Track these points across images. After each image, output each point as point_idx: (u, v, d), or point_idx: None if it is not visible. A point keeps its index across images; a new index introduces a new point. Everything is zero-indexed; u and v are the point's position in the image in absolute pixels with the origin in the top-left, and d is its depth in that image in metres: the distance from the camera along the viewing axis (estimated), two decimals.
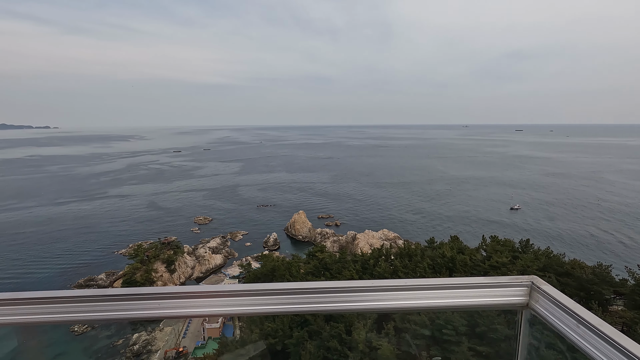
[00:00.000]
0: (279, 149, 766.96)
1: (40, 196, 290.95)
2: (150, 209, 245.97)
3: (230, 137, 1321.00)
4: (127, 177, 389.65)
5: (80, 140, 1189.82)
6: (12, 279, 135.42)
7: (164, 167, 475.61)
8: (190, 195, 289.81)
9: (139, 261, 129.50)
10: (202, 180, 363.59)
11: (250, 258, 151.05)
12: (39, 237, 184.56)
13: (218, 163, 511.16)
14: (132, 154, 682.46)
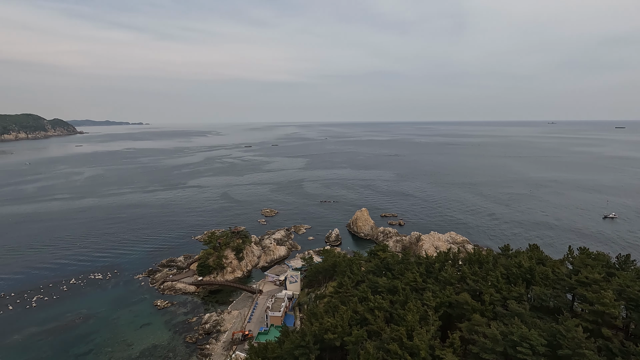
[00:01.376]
0: (343, 146, 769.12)
1: (134, 184, 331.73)
2: (223, 199, 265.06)
3: (296, 134, 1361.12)
4: (204, 169, 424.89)
5: (166, 135, 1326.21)
6: (109, 258, 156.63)
7: (236, 161, 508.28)
8: (258, 188, 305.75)
9: (212, 247, 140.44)
10: (270, 174, 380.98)
11: (313, 252, 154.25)
12: (132, 219, 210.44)
13: (284, 158, 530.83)
14: (209, 148, 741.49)
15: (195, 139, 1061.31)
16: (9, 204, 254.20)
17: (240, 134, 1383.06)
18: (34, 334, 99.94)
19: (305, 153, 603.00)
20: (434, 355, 51.38)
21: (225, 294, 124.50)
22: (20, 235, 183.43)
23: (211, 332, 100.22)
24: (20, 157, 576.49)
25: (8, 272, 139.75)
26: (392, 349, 51.22)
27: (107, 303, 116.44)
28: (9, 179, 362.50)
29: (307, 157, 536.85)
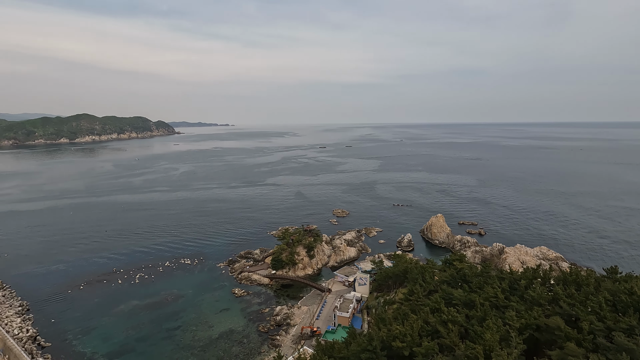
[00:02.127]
0: (420, 148, 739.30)
1: (219, 180, 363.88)
2: (297, 197, 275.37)
3: (371, 135, 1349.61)
4: (280, 168, 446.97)
5: (248, 136, 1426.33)
6: (196, 246, 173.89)
7: (310, 161, 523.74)
8: (331, 188, 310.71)
9: (285, 243, 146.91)
10: (343, 175, 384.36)
11: (383, 256, 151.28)
12: (216, 213, 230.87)
13: (358, 159, 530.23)
14: (286, 148, 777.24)
15: (274, 140, 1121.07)
16: (121, 193, 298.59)
17: (316, 135, 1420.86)
18: (136, 306, 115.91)
19: (379, 155, 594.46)
20: None
21: (296, 289, 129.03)
22: (128, 221, 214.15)
23: (281, 324, 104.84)
24: (131, 154, 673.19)
25: (118, 251, 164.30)
26: None
27: (194, 286, 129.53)
28: (122, 172, 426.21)
29: (380, 159, 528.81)
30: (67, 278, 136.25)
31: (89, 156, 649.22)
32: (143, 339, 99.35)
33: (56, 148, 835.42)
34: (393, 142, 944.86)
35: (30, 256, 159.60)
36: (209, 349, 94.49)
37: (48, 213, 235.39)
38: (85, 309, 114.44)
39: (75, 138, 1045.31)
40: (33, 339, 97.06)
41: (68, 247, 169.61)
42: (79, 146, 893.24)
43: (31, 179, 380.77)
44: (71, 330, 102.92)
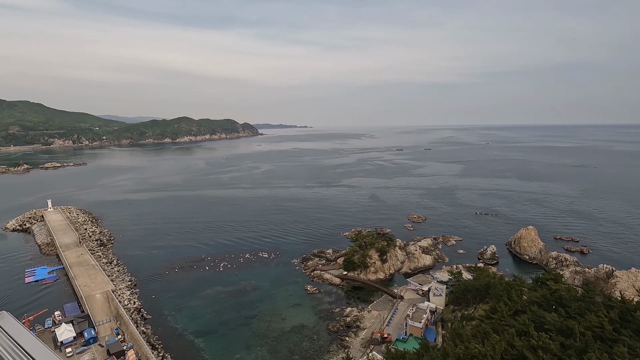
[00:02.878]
0: (509, 152, 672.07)
1: (296, 179, 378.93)
2: (371, 200, 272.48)
3: (452, 137, 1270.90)
4: (355, 170, 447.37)
5: (326, 137, 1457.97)
6: (273, 241, 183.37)
7: (386, 163, 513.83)
8: (407, 192, 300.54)
9: (357, 245, 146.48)
10: (420, 179, 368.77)
11: (462, 267, 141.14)
12: (293, 211, 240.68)
13: (437, 163, 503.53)
14: (362, 150, 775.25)
15: (350, 141, 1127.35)
16: (211, 188, 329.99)
17: (393, 137, 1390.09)
18: (219, 292, 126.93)
19: (461, 159, 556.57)
20: None
21: (367, 293, 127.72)
22: (215, 214, 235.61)
23: (351, 326, 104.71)
24: (221, 153, 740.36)
25: (206, 241, 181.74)
26: None
27: (269, 279, 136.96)
28: (213, 169, 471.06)
29: (462, 164, 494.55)
30: (165, 261, 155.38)
31: (186, 154, 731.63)
32: (224, 322, 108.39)
33: (161, 147, 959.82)
34: (477, 145, 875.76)
35: (138, 239, 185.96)
36: (280, 341, 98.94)
37: (153, 203, 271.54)
38: (178, 289, 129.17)
39: (176, 138, 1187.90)
40: (138, 311, 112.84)
41: (167, 234, 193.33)
42: (178, 145, 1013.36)
43: (141, 172, 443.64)
44: (167, 307, 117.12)
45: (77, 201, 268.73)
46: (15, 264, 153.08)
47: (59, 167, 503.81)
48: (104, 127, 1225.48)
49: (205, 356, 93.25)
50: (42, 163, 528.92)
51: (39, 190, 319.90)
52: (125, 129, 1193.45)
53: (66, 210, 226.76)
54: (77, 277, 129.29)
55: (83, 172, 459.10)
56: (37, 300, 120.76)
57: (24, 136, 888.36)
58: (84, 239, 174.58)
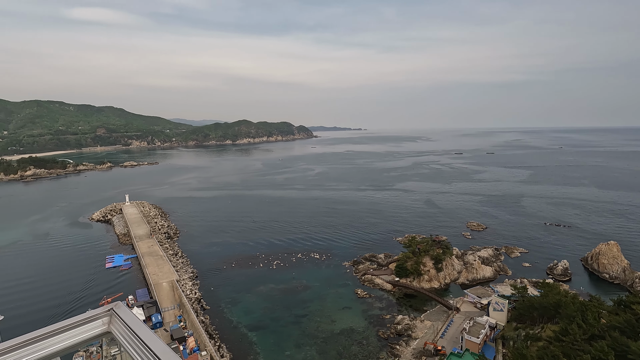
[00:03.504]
0: (587, 157, 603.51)
1: (350, 182, 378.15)
2: (427, 205, 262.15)
3: (519, 141, 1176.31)
4: (411, 173, 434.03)
5: (380, 140, 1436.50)
6: (325, 242, 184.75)
7: (444, 167, 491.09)
8: (465, 198, 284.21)
9: (411, 251, 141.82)
10: (481, 184, 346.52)
11: (528, 282, 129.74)
12: (345, 213, 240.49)
13: (501, 168, 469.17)
14: (418, 153, 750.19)
15: (405, 144, 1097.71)
16: (267, 188, 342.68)
17: (451, 140, 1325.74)
18: (272, 289, 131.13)
19: (529, 164, 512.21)
20: None
21: (420, 301, 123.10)
22: (270, 213, 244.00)
23: (402, 334, 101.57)
24: (277, 155, 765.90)
25: (261, 239, 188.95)
26: None
27: (320, 280, 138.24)
28: (269, 170, 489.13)
29: (530, 169, 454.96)
30: (224, 256, 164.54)
31: (245, 155, 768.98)
32: (276, 319, 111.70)
33: (222, 148, 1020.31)
34: (548, 149, 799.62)
35: (200, 234, 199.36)
36: (329, 342, 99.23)
37: (214, 200, 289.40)
38: (234, 284, 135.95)
39: (236, 140, 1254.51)
40: (198, 301, 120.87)
41: (225, 231, 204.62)
42: (238, 147, 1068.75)
43: (204, 172, 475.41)
44: (224, 299, 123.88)
45: (149, 197, 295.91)
46: (99, 251, 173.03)
47: (136, 165, 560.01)
48: (174, 129, 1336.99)
49: (257, 350, 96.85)
50: (122, 162, 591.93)
51: (119, 185, 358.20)
52: (191, 131, 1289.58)
53: (140, 205, 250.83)
54: (147, 266, 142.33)
55: (155, 170, 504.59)
56: (115, 284, 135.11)
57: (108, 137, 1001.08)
58: (154, 231, 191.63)
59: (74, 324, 4.70)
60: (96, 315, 4.88)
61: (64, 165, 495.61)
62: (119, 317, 4.89)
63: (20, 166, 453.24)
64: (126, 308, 5.01)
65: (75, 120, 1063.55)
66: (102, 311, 5.00)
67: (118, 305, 5.05)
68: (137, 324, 4.60)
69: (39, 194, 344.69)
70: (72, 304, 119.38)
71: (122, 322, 4.77)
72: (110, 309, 5.02)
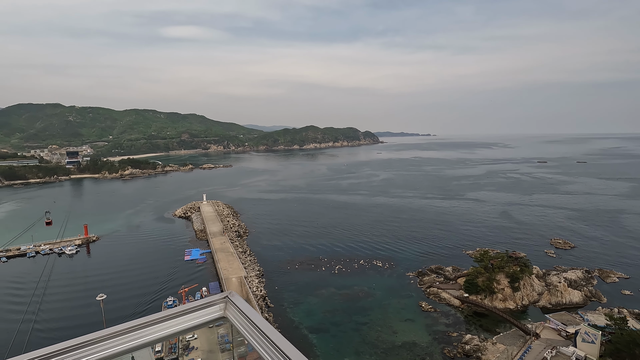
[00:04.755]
0: None
1: (416, 189, 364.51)
2: (502, 218, 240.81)
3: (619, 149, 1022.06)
4: (484, 182, 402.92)
5: (450, 146, 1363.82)
6: (388, 250, 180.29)
7: (524, 177, 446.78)
8: (549, 212, 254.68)
9: (482, 267, 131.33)
10: (568, 197, 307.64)
11: (627, 312, 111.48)
12: (410, 221, 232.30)
13: (595, 179, 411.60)
14: (493, 161, 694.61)
15: (479, 151, 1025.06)
16: (331, 193, 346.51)
17: (533, 147, 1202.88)
18: (332, 293, 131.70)
19: (631, 175, 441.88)
20: None
21: (492, 322, 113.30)
22: (334, 218, 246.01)
23: (470, 356, 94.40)
24: (342, 160, 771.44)
25: (324, 243, 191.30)
26: None
27: (382, 288, 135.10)
28: (334, 175, 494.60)
29: (632, 181, 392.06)
30: (288, 257, 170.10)
31: (311, 160, 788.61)
32: (336, 323, 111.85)
33: (290, 153, 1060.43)
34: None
35: (267, 234, 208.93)
36: (390, 354, 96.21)
37: (281, 203, 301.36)
38: (297, 285, 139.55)
39: (304, 145, 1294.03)
40: (263, 298, 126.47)
41: (291, 233, 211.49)
42: (305, 152, 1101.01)
43: (273, 175, 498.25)
44: (287, 299, 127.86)
45: (223, 197, 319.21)
46: (179, 245, 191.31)
47: (213, 167, 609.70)
48: (247, 134, 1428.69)
49: (317, 352, 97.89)
50: (201, 164, 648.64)
51: (198, 185, 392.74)
52: (262, 136, 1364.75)
53: (215, 204, 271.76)
54: (219, 261, 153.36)
55: (229, 172, 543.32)
56: (192, 276, 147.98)
57: (191, 142, 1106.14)
58: (226, 229, 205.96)
59: (195, 308, 5.35)
60: (214, 301, 5.50)
61: (154, 166, 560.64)
62: (233, 304, 5.42)
63: (121, 166, 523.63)
64: (239, 297, 5.77)
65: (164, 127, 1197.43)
66: (218, 298, 5.55)
67: (233, 293, 5.88)
68: (251, 311, 5.28)
69: (134, 190, 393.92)
70: (157, 293, 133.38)
71: (237, 309, 5.33)
72: (226, 297, 5.58)
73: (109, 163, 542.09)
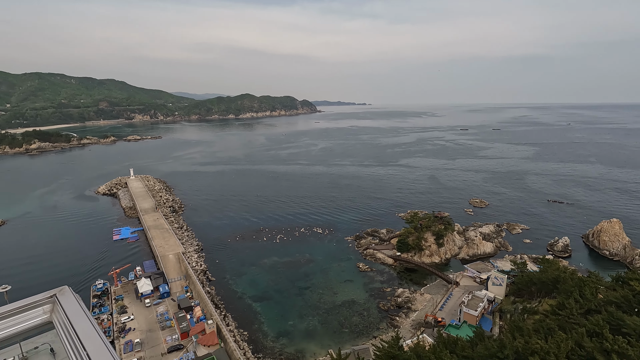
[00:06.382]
0: (596, 134, 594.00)
1: (353, 158, 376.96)
2: (430, 182, 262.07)
3: (527, 117, 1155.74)
4: (415, 150, 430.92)
5: (385, 115, 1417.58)
6: (328, 217, 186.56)
7: (449, 144, 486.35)
8: (469, 175, 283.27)
9: (413, 227, 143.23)
10: (485, 161, 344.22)
11: (527, 257, 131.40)
12: (348, 189, 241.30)
13: (507, 145, 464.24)
14: (423, 129, 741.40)
15: (411, 120, 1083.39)
16: (270, 164, 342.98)
17: (457, 115, 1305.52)
18: (276, 262, 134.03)
19: (535, 140, 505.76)
20: None
21: (420, 275, 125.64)
22: (274, 188, 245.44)
23: (402, 307, 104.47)
24: (280, 130, 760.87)
25: (265, 213, 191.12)
26: None
27: (323, 254, 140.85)
28: (273, 145, 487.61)
29: (536, 146, 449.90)
30: (228, 230, 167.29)
31: (248, 130, 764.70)
32: (279, 290, 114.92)
33: (225, 122, 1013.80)
34: (556, 126, 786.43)
35: (204, 208, 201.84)
36: (331, 313, 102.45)
37: (218, 175, 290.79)
38: (239, 257, 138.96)
39: (239, 114, 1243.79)
40: (204, 272, 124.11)
41: (230, 205, 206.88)
42: (241, 121, 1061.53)
43: (208, 146, 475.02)
44: (229, 271, 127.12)
45: (154, 171, 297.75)
46: (106, 224, 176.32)
47: (139, 139, 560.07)
48: (176, 103, 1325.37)
49: (262, 319, 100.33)
50: (126, 136, 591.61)
51: (124, 160, 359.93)
52: (194, 105, 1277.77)
53: (145, 179, 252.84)
54: (154, 239, 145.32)
55: (159, 144, 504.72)
56: (123, 256, 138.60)
57: (111, 111, 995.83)
58: (159, 205, 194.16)
59: (10, 312, 4.00)
60: (36, 302, 4.09)
61: (68, 138, 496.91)
62: (61, 305, 4.06)
63: (25, 139, 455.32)
64: (72, 294, 4.15)
65: (77, 94, 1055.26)
66: (43, 297, 4.14)
67: (63, 291, 4.13)
68: (78, 314, 3.82)
69: (45, 167, 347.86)
70: (84, 277, 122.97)
71: (64, 312, 4.01)
72: (53, 295, 4.19)
73: (9, 136, 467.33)
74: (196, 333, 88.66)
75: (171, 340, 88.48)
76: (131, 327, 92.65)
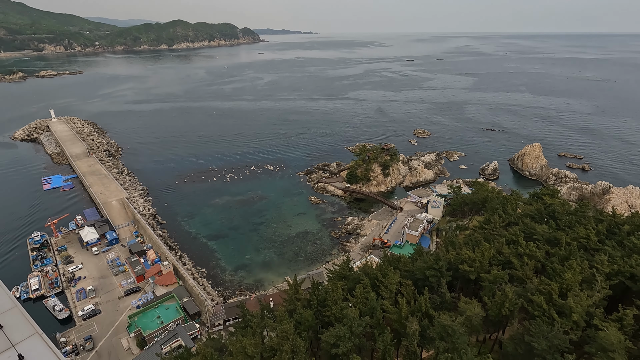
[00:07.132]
0: (528, 64, 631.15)
1: (301, 91, 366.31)
2: (377, 114, 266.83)
3: (468, 47, 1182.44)
4: (362, 82, 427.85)
5: (332, 45, 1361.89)
6: (278, 154, 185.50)
7: (395, 75, 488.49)
8: (414, 106, 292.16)
9: (361, 159, 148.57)
10: (429, 92, 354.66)
11: (462, 182, 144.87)
12: (298, 124, 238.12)
13: (449, 75, 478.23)
14: (370, 60, 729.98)
15: (358, 50, 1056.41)
16: (214, 100, 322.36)
17: (404, 45, 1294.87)
18: (228, 201, 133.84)
19: (474, 71, 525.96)
20: (590, 323, 44.55)
21: (368, 204, 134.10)
22: (219, 127, 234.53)
23: (352, 233, 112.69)
24: (221, 62, 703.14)
25: (212, 153, 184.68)
26: (536, 301, 46.69)
27: (275, 190, 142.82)
28: (214, 79, 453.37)
29: (476, 76, 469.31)
30: (174, 172, 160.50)
31: (185, 62, 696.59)
32: (234, 228, 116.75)
33: (158, 54, 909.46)
34: (494, 56, 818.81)
35: (145, 151, 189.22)
36: (287, 245, 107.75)
37: (156, 114, 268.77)
38: (189, 198, 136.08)
39: (173, 44, 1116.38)
40: (153, 216, 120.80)
41: (173, 146, 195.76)
42: (176, 53, 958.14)
43: (141, 82, 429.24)
44: (180, 213, 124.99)
45: (79, 111, 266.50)
46: (32, 173, 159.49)
47: (55, 75, 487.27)
48: (95, 31, 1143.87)
49: (218, 256, 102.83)
50: (37, 71, 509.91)
51: (39, 99, 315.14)
52: (117, 33, 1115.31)
53: (70, 121, 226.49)
54: (92, 186, 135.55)
55: (81, 81, 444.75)
56: (59, 206, 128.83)
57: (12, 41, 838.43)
58: (92, 149, 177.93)
59: None
60: None
61: None
62: None
63: None
64: None
65: None
66: None
67: None
68: None
69: None
70: (17, 232, 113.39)
71: None
72: None
73: None
74: (152, 275, 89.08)
75: (127, 284, 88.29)
76: (81, 276, 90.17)
